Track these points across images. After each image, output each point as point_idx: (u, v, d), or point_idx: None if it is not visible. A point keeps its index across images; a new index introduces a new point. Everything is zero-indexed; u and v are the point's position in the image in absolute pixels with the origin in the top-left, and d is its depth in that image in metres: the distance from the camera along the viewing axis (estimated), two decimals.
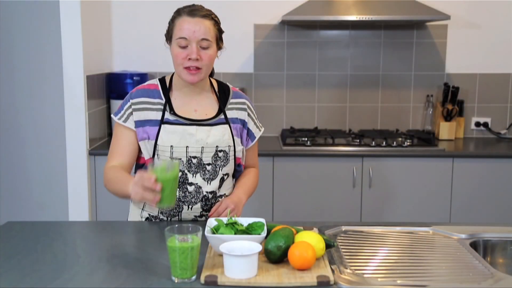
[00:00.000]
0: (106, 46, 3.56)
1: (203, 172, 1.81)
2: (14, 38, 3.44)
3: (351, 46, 3.65)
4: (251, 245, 1.41)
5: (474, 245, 1.69)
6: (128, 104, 1.82)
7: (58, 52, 3.10)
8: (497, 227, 1.80)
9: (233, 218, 1.59)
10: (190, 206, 1.83)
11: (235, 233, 1.53)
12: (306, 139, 3.30)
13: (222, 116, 1.85)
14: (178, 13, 1.77)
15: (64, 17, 3.02)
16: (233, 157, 1.86)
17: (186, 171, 1.80)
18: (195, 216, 1.85)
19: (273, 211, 3.18)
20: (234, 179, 1.97)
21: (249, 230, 1.55)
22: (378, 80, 3.68)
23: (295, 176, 3.16)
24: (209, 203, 1.84)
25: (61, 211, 3.26)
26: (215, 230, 1.55)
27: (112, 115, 1.88)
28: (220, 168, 1.83)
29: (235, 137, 1.85)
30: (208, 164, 1.81)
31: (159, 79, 1.88)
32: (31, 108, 3.49)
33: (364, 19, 3.17)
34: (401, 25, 3.60)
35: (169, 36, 1.80)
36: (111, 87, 3.47)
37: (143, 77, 3.48)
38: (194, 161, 1.79)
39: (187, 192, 1.81)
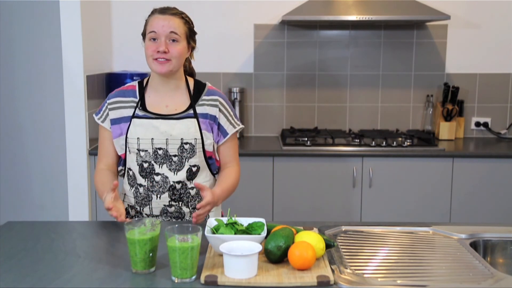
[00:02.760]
0: (106, 46, 3.56)
1: (169, 163, 1.89)
2: (14, 38, 3.44)
3: (351, 46, 3.65)
4: (251, 245, 1.41)
5: (474, 245, 1.69)
6: (105, 105, 1.98)
7: (58, 52, 3.10)
8: (497, 227, 1.81)
9: (233, 218, 1.59)
10: (158, 196, 1.90)
11: (235, 233, 1.53)
12: (306, 139, 3.30)
13: (191, 111, 1.92)
14: (152, 12, 1.93)
15: (64, 17, 3.02)
16: (201, 149, 1.91)
17: (152, 162, 1.89)
18: (164, 205, 1.90)
19: (273, 211, 3.18)
20: (214, 176, 2.01)
21: (249, 230, 1.55)
22: (378, 80, 3.68)
23: (295, 176, 3.16)
24: (177, 193, 1.90)
25: (61, 211, 3.26)
26: (215, 230, 1.56)
27: (93, 115, 2.03)
28: (186, 160, 1.90)
29: (203, 131, 1.91)
30: (174, 156, 1.89)
31: (138, 81, 2.02)
32: (31, 108, 3.49)
33: (364, 19, 3.17)
34: (401, 25, 3.60)
35: (143, 34, 1.96)
36: (111, 87, 3.46)
37: (143, 77, 3.45)
38: (160, 152, 1.89)
39: (154, 182, 1.90)
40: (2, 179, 3.56)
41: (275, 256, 1.45)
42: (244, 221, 1.60)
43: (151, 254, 1.42)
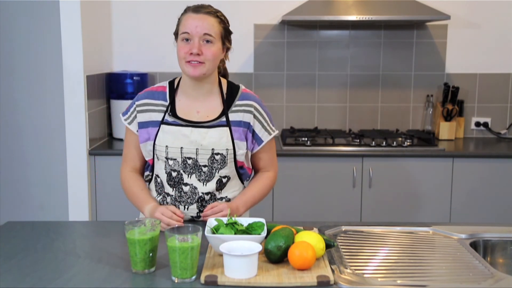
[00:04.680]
0: (106, 46, 3.56)
1: (199, 174, 1.81)
2: (14, 38, 3.44)
3: (351, 46, 3.65)
4: (251, 245, 1.41)
5: (474, 245, 1.69)
6: (134, 106, 1.88)
7: (58, 52, 3.10)
8: (497, 227, 1.81)
9: (233, 218, 1.59)
10: (186, 207, 1.83)
11: (235, 233, 1.53)
12: (306, 139, 3.30)
13: (223, 119, 1.82)
14: (185, 10, 1.82)
15: (64, 17, 3.02)
16: (232, 160, 1.83)
17: (181, 171, 1.81)
18: (192, 216, 1.85)
19: (273, 211, 3.18)
20: (244, 183, 1.94)
21: (249, 230, 1.55)
22: (378, 80, 3.68)
23: (295, 176, 3.16)
24: (205, 204, 1.83)
25: (61, 211, 3.26)
26: (215, 230, 1.56)
27: (120, 114, 1.94)
28: (217, 171, 1.82)
29: (235, 141, 1.82)
30: (204, 166, 1.81)
31: (169, 82, 1.90)
32: (31, 108, 3.49)
33: (364, 19, 3.17)
34: (401, 25, 3.60)
35: (176, 34, 1.84)
36: (111, 87, 3.47)
37: (143, 77, 3.48)
38: (190, 162, 1.80)
39: (182, 192, 1.82)
40: (2, 179, 3.56)
41: (275, 256, 1.45)
42: (244, 221, 1.60)
43: (151, 254, 1.42)
